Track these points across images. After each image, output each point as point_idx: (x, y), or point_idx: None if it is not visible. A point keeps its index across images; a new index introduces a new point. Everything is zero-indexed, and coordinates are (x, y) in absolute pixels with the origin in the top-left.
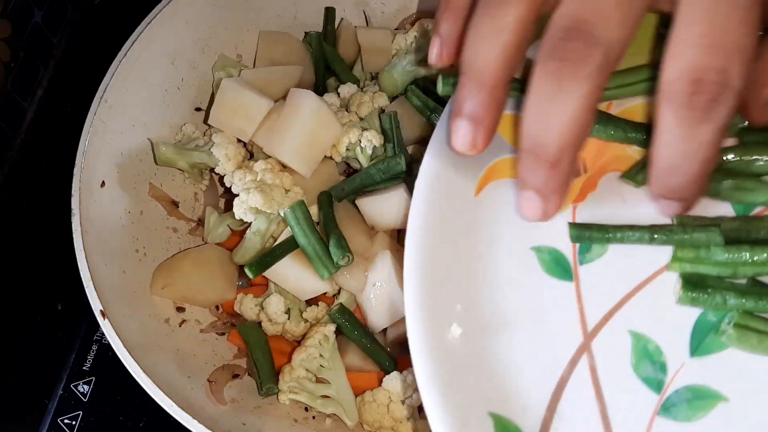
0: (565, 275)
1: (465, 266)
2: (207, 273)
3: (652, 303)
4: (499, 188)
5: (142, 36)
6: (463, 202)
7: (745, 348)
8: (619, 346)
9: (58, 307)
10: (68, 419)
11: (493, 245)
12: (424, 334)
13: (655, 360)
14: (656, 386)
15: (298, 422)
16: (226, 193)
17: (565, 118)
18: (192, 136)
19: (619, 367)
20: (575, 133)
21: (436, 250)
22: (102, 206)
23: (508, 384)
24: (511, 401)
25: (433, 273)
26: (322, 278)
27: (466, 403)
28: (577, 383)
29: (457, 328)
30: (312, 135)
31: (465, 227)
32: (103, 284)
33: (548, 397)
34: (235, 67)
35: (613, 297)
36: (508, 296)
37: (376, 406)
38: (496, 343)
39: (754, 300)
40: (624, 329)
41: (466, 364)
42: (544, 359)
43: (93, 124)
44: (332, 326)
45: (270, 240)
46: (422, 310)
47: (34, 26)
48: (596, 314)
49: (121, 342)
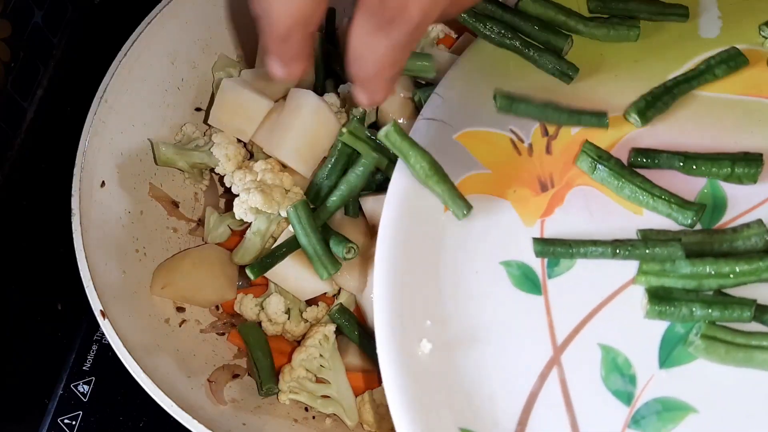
0: (534, 289)
1: (434, 282)
2: (207, 273)
3: (621, 315)
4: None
5: (142, 36)
6: (432, 218)
7: (713, 359)
8: (588, 359)
9: (58, 307)
10: (68, 419)
11: (462, 260)
12: (394, 350)
13: (624, 372)
14: (626, 399)
15: (298, 422)
16: (226, 193)
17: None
18: (192, 136)
19: (589, 380)
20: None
21: (406, 266)
22: (102, 206)
23: (479, 399)
24: (482, 416)
25: (402, 289)
26: (321, 278)
27: (437, 418)
28: (547, 397)
29: (427, 344)
30: (312, 135)
31: (434, 243)
32: (103, 284)
33: (519, 411)
34: (235, 67)
35: (582, 310)
36: (477, 311)
37: (376, 406)
38: (466, 358)
39: (720, 310)
40: (593, 342)
41: (436, 380)
42: (515, 373)
43: (93, 124)
44: (332, 326)
45: (270, 240)
46: (392, 326)
47: (34, 26)
48: (566, 328)
49: (121, 342)
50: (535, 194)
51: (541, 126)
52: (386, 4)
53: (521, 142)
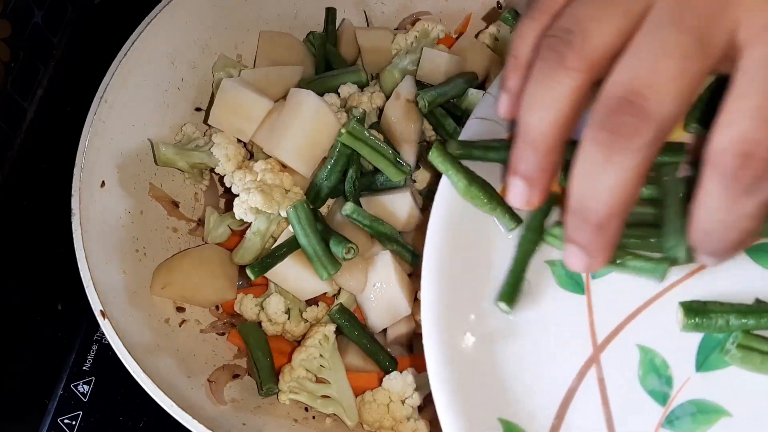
0: (577, 288)
1: (480, 277)
2: (207, 273)
3: (661, 318)
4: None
5: (142, 36)
6: (479, 215)
7: (748, 368)
8: (627, 359)
9: (58, 307)
10: (68, 419)
11: (507, 257)
12: (439, 342)
13: (661, 374)
14: (662, 399)
15: (298, 422)
16: (226, 193)
17: (612, 187)
18: (192, 136)
19: (626, 379)
20: (622, 201)
21: (453, 262)
22: (102, 206)
23: (518, 391)
24: (520, 408)
25: (449, 283)
26: (321, 279)
27: (477, 408)
28: (585, 393)
29: (471, 337)
30: (312, 135)
31: (481, 239)
32: (103, 284)
33: (556, 405)
34: (235, 67)
35: (623, 311)
36: (520, 307)
37: (376, 406)
38: (507, 352)
39: (756, 319)
40: (632, 343)
41: (478, 371)
42: (554, 369)
43: (93, 124)
44: (332, 326)
45: (270, 240)
46: (438, 319)
47: (34, 26)
48: (606, 327)
49: (121, 342)
50: None
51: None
52: (750, 160)
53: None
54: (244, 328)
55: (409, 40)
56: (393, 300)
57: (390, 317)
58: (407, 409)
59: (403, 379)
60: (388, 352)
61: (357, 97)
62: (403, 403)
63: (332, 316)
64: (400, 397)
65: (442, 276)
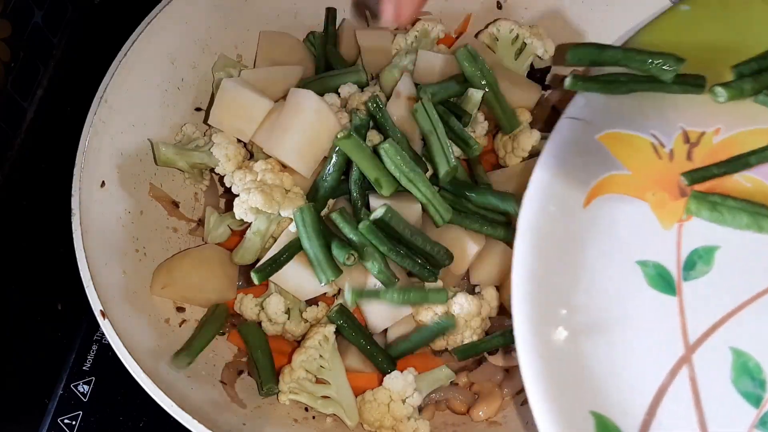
0: (668, 289)
1: (571, 274)
2: (207, 273)
3: (754, 321)
4: (608, 202)
5: (142, 36)
6: (571, 213)
7: None
8: (719, 361)
9: (58, 307)
10: (68, 419)
11: (598, 256)
12: (531, 335)
13: (755, 376)
14: (755, 401)
15: (298, 422)
16: (226, 193)
17: None
18: (192, 136)
19: (719, 380)
20: None
21: (543, 259)
22: (102, 206)
23: (609, 387)
24: (612, 403)
25: (540, 279)
26: (321, 283)
27: (570, 400)
28: (676, 392)
29: (563, 331)
30: (312, 135)
31: (572, 238)
32: (103, 284)
33: (648, 402)
34: (235, 67)
35: (715, 314)
36: (610, 305)
37: (376, 406)
38: (598, 348)
39: None
40: (725, 345)
41: (569, 365)
42: (645, 366)
43: (93, 124)
44: (332, 327)
45: (270, 240)
46: (530, 313)
47: (34, 26)
48: (698, 329)
49: (121, 342)
50: (673, 199)
51: (683, 133)
52: None
53: (662, 147)
54: (244, 328)
55: (409, 40)
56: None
57: (390, 318)
58: (408, 408)
59: (404, 378)
60: (387, 353)
61: (357, 97)
62: (404, 403)
63: (332, 317)
64: (400, 397)
65: (533, 272)
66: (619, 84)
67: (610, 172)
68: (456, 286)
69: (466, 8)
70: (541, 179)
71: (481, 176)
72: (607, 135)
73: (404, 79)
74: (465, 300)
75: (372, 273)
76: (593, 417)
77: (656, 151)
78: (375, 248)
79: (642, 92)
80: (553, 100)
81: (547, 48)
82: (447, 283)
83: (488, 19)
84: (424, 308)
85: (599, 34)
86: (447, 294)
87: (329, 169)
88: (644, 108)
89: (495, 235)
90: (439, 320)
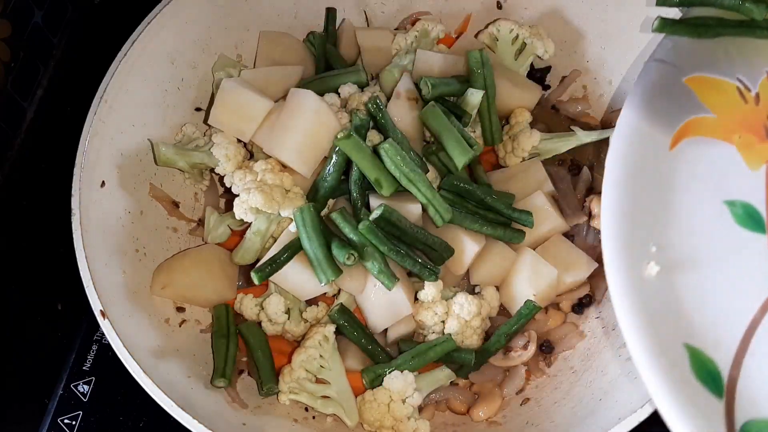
0: (757, 227)
1: (660, 212)
2: (207, 273)
3: None
4: (694, 144)
5: (142, 36)
6: (658, 155)
7: None
8: None
9: (58, 307)
10: (68, 419)
11: (685, 195)
12: (622, 271)
13: None
14: None
15: (298, 422)
16: (226, 193)
17: None
18: (192, 136)
19: None
20: None
21: (632, 197)
22: (102, 206)
23: (701, 320)
24: (704, 336)
25: (629, 217)
26: (320, 283)
27: (663, 332)
28: (767, 326)
29: (654, 266)
30: (312, 135)
31: (659, 178)
32: (103, 284)
33: (740, 335)
34: (235, 67)
35: None
36: (700, 242)
37: (376, 406)
38: (689, 283)
39: None
40: None
41: (661, 299)
42: (736, 302)
43: (93, 124)
44: (332, 327)
45: (270, 240)
46: (620, 249)
47: (34, 26)
48: None
49: (121, 342)
50: (760, 141)
51: None
52: None
53: (748, 91)
54: (244, 328)
55: (409, 40)
56: (393, 300)
57: (390, 317)
58: (408, 408)
59: (404, 378)
60: (388, 352)
61: (357, 97)
62: (404, 403)
63: (332, 317)
64: (400, 396)
65: (622, 209)
66: (707, 28)
67: (696, 115)
68: (456, 286)
69: (466, 8)
70: (629, 119)
71: (481, 176)
72: (693, 78)
73: (404, 79)
74: (465, 300)
75: (372, 273)
76: (687, 349)
77: (742, 95)
78: (375, 248)
79: (728, 36)
80: (553, 100)
81: (547, 48)
82: (447, 283)
83: (488, 19)
84: (424, 308)
85: (599, 34)
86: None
87: (329, 169)
88: (730, 52)
89: (495, 235)
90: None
